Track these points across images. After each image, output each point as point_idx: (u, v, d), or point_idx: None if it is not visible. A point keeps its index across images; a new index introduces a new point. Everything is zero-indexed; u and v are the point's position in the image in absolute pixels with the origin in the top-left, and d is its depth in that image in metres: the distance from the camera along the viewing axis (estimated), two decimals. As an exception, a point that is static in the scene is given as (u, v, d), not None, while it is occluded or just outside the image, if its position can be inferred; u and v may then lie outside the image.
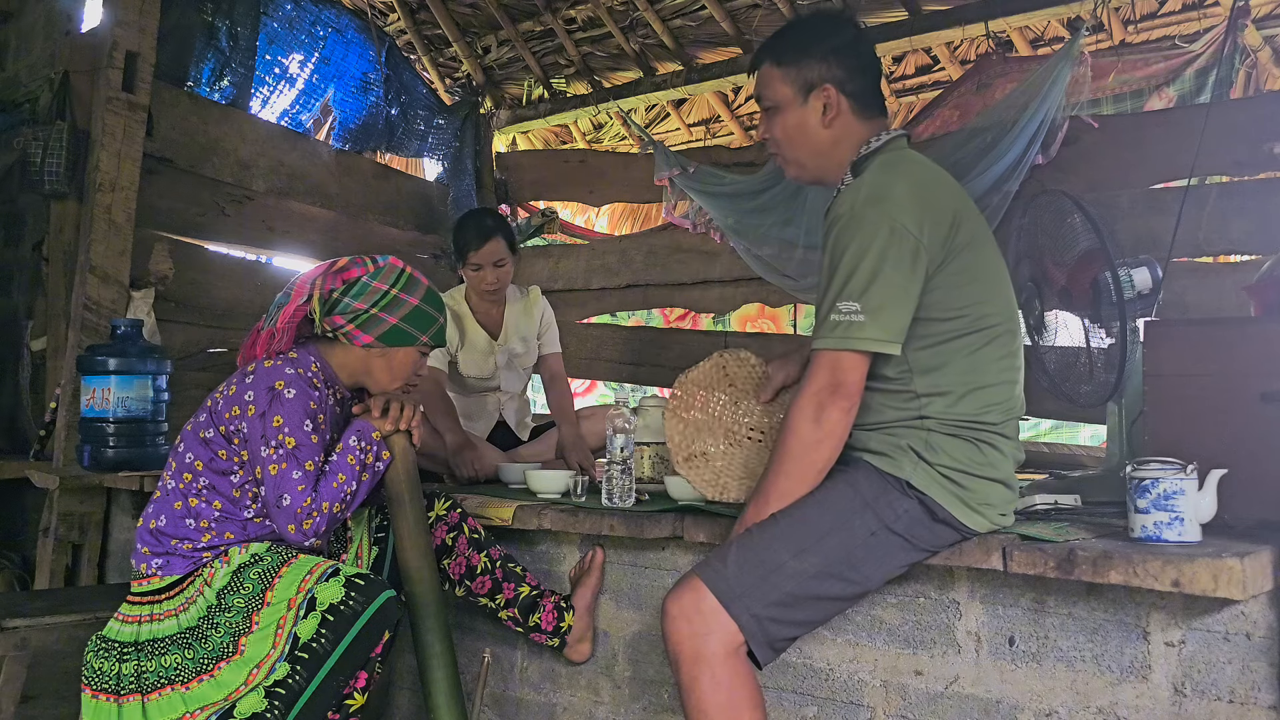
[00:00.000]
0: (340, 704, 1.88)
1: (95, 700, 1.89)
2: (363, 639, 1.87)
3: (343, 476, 1.97)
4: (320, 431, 2.00)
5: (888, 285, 1.67)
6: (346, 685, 1.88)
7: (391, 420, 2.05)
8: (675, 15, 5.16)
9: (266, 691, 1.84)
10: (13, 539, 4.06)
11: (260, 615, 1.90)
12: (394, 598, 1.92)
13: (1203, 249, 3.50)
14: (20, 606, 2.37)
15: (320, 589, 1.89)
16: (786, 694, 2.07)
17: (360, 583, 1.90)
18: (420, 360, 2.16)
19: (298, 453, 1.93)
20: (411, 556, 2.10)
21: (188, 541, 1.99)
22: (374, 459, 2.02)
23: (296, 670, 1.84)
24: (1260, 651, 1.60)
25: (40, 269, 4.22)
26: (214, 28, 4.41)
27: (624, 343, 5.13)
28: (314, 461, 1.96)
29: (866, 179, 1.79)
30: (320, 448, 1.98)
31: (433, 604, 2.09)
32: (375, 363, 2.11)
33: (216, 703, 1.86)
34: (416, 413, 2.09)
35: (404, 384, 2.14)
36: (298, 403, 1.96)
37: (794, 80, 1.84)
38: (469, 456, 2.90)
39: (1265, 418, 1.78)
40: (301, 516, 1.91)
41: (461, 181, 5.50)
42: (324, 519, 1.93)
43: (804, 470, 1.72)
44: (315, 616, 1.86)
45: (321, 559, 2.01)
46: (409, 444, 2.09)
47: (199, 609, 1.94)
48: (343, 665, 1.86)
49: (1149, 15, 4.68)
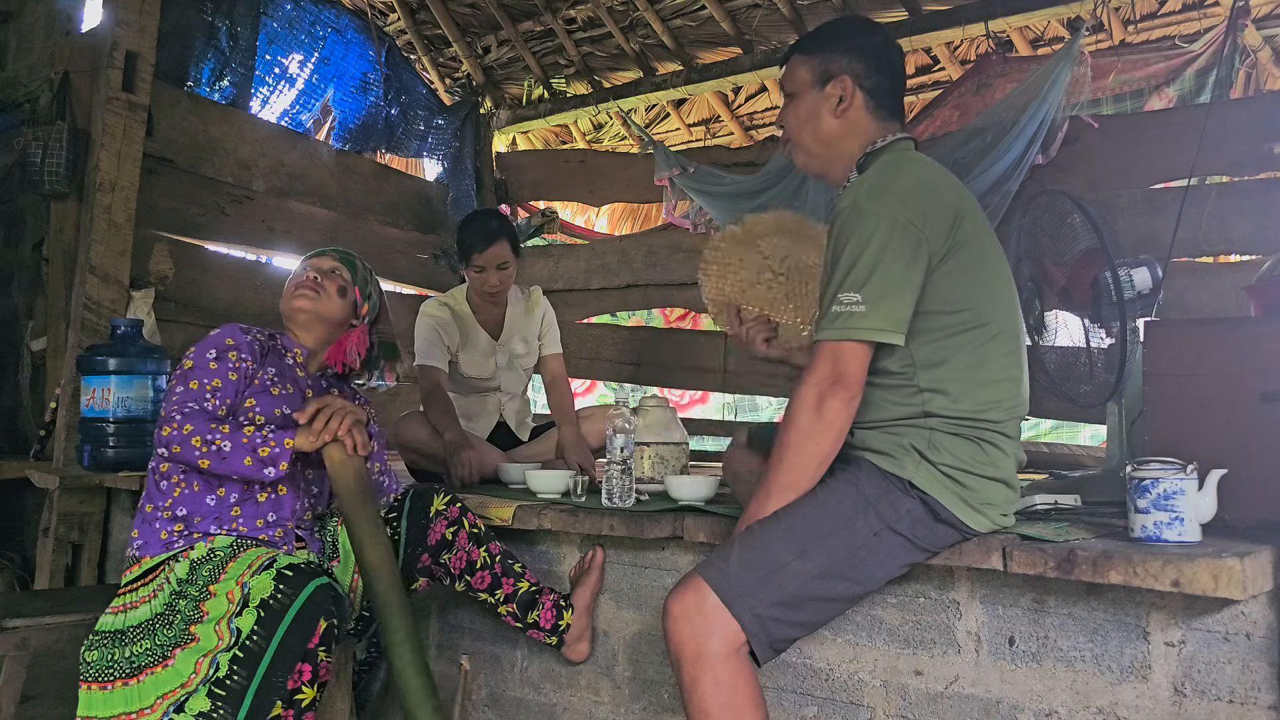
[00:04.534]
0: (290, 699, 1.82)
1: (89, 691, 1.90)
2: (295, 632, 1.82)
3: (226, 429, 1.97)
4: (225, 361, 2.07)
5: (888, 276, 1.67)
6: (289, 680, 1.82)
7: (315, 433, 1.99)
8: (675, 15, 5.16)
9: (210, 691, 1.82)
10: (13, 539, 4.06)
11: (207, 605, 1.89)
12: (324, 585, 1.86)
13: (1203, 249, 3.50)
14: (20, 606, 2.37)
15: (254, 583, 1.86)
16: (786, 694, 2.07)
17: (289, 574, 1.86)
18: (294, 279, 2.27)
19: (189, 373, 2.05)
20: (365, 571, 2.03)
21: (162, 511, 2.02)
22: (269, 455, 1.97)
23: (235, 670, 1.81)
24: (1260, 651, 1.60)
25: (40, 269, 4.22)
26: (214, 28, 4.42)
27: (624, 343, 5.13)
28: (200, 382, 2.04)
29: (869, 175, 1.81)
30: (218, 375, 2.06)
31: (397, 617, 2.00)
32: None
33: (175, 690, 1.85)
34: (345, 420, 2.02)
35: (293, 294, 2.24)
36: (214, 337, 2.11)
37: (815, 68, 1.89)
38: (466, 457, 2.88)
39: (1265, 418, 1.78)
40: (164, 420, 1.98)
41: (461, 182, 5.51)
42: (179, 436, 1.95)
43: (805, 461, 1.72)
44: (250, 612, 1.83)
45: (264, 551, 1.97)
46: (345, 455, 2.03)
47: (165, 596, 1.95)
48: (280, 660, 1.81)
49: (1149, 15, 4.68)
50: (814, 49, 1.92)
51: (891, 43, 1.94)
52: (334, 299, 2.27)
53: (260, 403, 2.11)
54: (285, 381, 2.18)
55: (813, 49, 1.92)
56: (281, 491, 2.12)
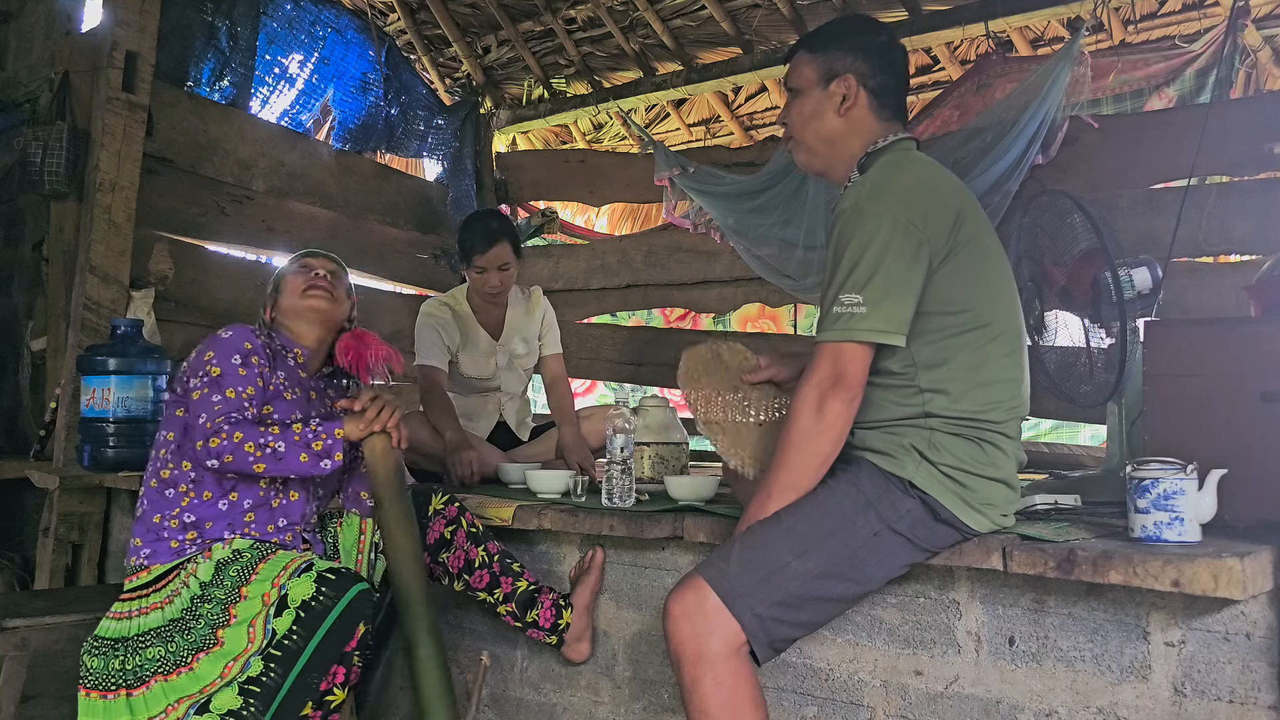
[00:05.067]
0: (321, 700, 1.86)
1: (88, 698, 1.90)
2: (335, 634, 1.85)
3: (276, 430, 1.98)
4: (250, 367, 2.05)
5: (889, 277, 1.67)
6: (323, 681, 1.85)
7: (366, 421, 2.04)
8: (675, 15, 5.16)
9: (241, 689, 1.83)
10: (13, 539, 4.06)
11: (237, 609, 1.90)
12: (365, 591, 1.90)
13: (1203, 249, 3.50)
14: (20, 606, 2.37)
15: (292, 585, 1.88)
16: (786, 694, 2.07)
17: (331, 577, 1.89)
18: (298, 277, 2.28)
19: (220, 380, 2.02)
20: (394, 558, 2.07)
21: (171, 520, 2.01)
22: (323, 448, 1.98)
23: (271, 667, 1.83)
24: (1260, 651, 1.60)
25: (40, 269, 4.22)
26: (214, 28, 4.41)
27: (624, 343, 5.13)
28: (236, 390, 2.01)
29: (871, 175, 1.81)
30: (249, 381, 2.04)
31: (420, 605, 2.05)
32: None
33: (193, 695, 1.85)
34: (395, 414, 2.07)
35: (305, 292, 2.24)
36: (232, 341, 2.07)
37: (819, 66, 1.90)
38: (466, 457, 2.88)
39: (1265, 418, 1.78)
40: (210, 432, 1.95)
41: (461, 181, 5.50)
42: (230, 445, 1.94)
43: (805, 462, 1.72)
44: (289, 613, 1.85)
45: (297, 554, 1.99)
46: (389, 446, 2.07)
47: (183, 601, 1.95)
48: (316, 661, 1.85)
49: (1149, 15, 4.68)
50: (819, 47, 1.92)
51: (896, 43, 1.94)
52: (341, 300, 2.30)
53: (277, 408, 2.11)
54: (293, 385, 2.18)
55: (817, 47, 1.92)
56: (294, 496, 2.13)
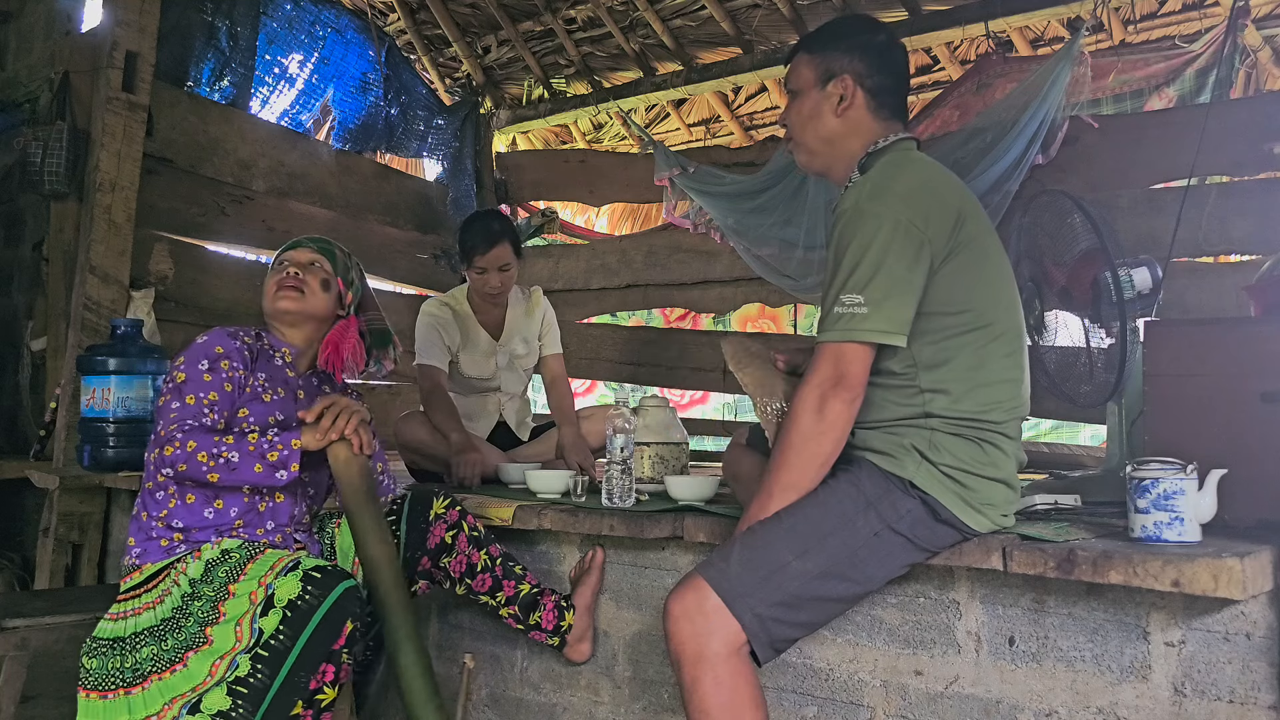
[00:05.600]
0: (311, 699, 1.83)
1: (88, 699, 1.90)
2: (322, 633, 1.83)
3: (231, 439, 1.94)
4: (218, 372, 2.03)
5: (890, 278, 1.67)
6: (312, 680, 1.83)
7: (322, 431, 1.99)
8: (675, 15, 5.16)
9: (229, 689, 1.82)
10: (13, 539, 4.06)
11: (226, 606, 1.89)
12: (353, 588, 1.87)
13: (1203, 249, 3.50)
14: (20, 606, 2.37)
15: (279, 584, 1.86)
16: (786, 694, 2.07)
17: (317, 576, 1.86)
18: (271, 278, 2.20)
19: (183, 386, 2.00)
20: (369, 568, 2.03)
21: (158, 520, 2.00)
22: (279, 458, 1.95)
23: (258, 668, 1.81)
24: (1260, 651, 1.60)
25: (40, 269, 4.22)
26: (214, 28, 4.42)
27: (624, 343, 5.13)
28: (197, 396, 1.99)
29: (871, 176, 1.81)
30: (214, 387, 2.01)
31: (399, 613, 2.00)
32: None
33: (185, 694, 1.84)
34: (353, 419, 2.02)
35: (275, 295, 2.16)
36: (203, 345, 2.05)
37: (818, 66, 1.90)
38: (472, 459, 2.87)
39: (1265, 418, 1.78)
40: (163, 440, 1.93)
41: (461, 182, 5.51)
42: (184, 454, 1.90)
43: (806, 462, 1.71)
44: (276, 613, 1.83)
45: (285, 553, 1.97)
46: (351, 454, 2.02)
47: (174, 599, 1.94)
48: (305, 660, 1.82)
49: (1149, 15, 4.68)
50: (817, 47, 1.92)
51: (895, 42, 1.94)
52: (318, 294, 2.18)
53: (253, 411, 2.08)
54: (276, 385, 2.15)
55: (816, 47, 1.93)
56: (279, 499, 2.11)
